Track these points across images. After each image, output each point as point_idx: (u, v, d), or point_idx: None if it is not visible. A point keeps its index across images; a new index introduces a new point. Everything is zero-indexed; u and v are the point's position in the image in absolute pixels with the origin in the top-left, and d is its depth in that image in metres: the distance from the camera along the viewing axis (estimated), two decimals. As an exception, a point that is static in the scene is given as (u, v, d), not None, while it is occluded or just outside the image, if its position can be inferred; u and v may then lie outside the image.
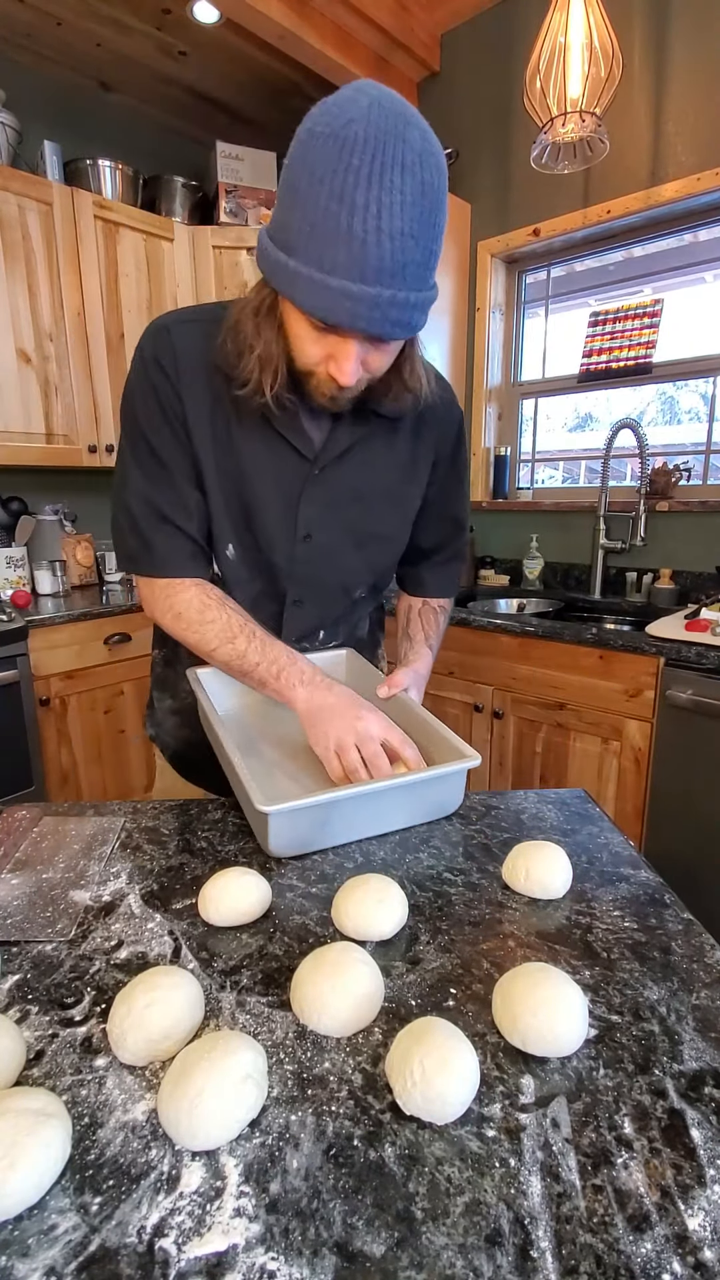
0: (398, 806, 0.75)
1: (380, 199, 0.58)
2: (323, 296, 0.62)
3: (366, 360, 0.70)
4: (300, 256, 0.62)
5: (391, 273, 0.60)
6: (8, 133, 2.09)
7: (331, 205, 0.58)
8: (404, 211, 0.58)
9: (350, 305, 0.62)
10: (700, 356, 2.18)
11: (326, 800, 0.69)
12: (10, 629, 1.89)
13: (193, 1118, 0.39)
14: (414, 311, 0.65)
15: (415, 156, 0.58)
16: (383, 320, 0.63)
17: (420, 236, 0.60)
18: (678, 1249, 0.35)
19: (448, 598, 1.10)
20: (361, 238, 0.59)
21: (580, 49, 1.75)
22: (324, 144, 0.59)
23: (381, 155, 0.57)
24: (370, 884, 0.60)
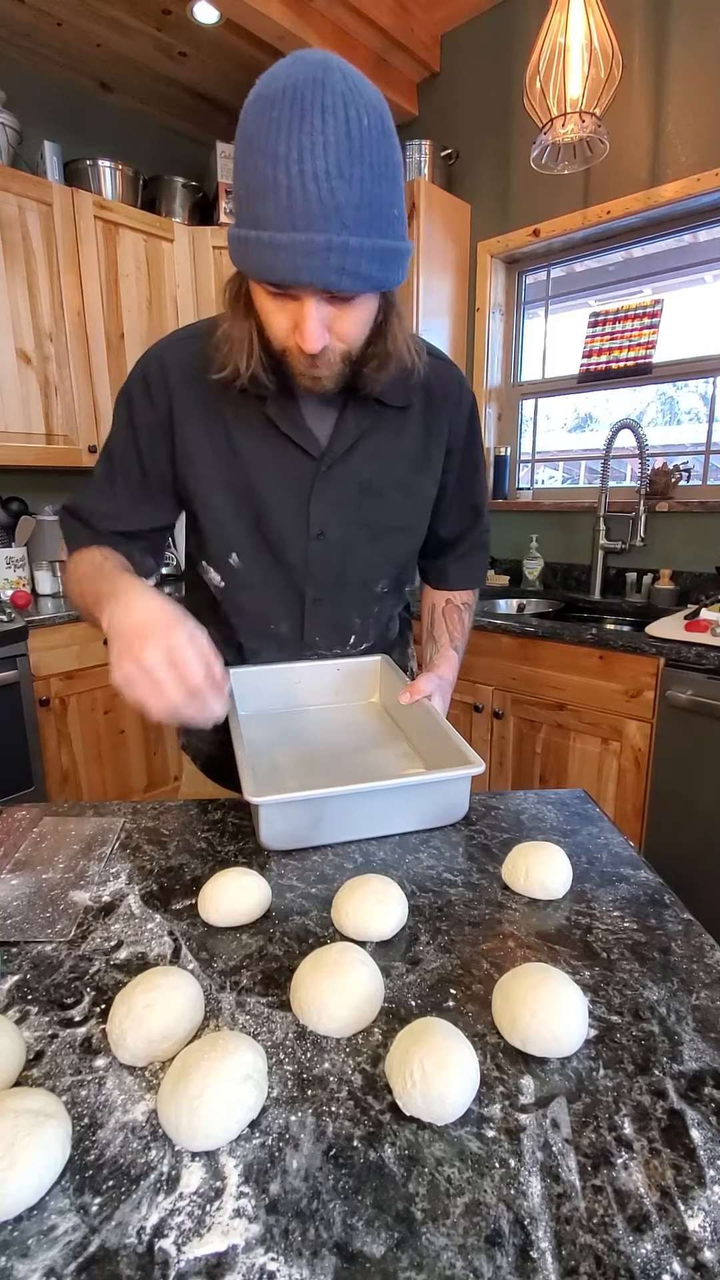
0: (397, 809, 0.74)
1: (300, 142, 0.56)
2: (260, 254, 0.61)
3: (333, 326, 0.68)
4: (242, 223, 0.62)
5: (324, 216, 0.58)
6: (8, 133, 2.09)
7: (258, 162, 0.58)
8: (326, 151, 0.56)
9: (286, 256, 0.60)
10: (700, 357, 2.18)
11: (317, 796, 0.69)
12: (10, 629, 1.89)
13: (192, 1118, 0.39)
14: (363, 259, 0.61)
15: (336, 98, 0.57)
16: (324, 269, 0.60)
17: (351, 176, 0.58)
18: (678, 1249, 0.35)
19: (471, 589, 1.08)
20: (285, 184, 0.57)
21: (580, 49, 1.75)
22: (251, 109, 0.59)
23: (300, 102, 0.56)
24: (370, 884, 0.60)
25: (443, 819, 0.77)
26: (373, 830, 0.74)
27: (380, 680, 1.01)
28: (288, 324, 0.68)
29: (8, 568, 2.27)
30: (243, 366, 0.75)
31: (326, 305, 0.66)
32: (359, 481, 0.87)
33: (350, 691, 1.01)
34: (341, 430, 0.84)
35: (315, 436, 0.83)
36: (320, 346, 0.67)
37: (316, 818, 0.71)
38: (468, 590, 1.08)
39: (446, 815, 0.77)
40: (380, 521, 0.90)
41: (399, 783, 0.73)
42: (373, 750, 0.88)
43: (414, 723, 0.90)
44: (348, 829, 0.73)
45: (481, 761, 0.72)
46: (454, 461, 0.94)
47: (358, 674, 1.00)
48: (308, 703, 0.99)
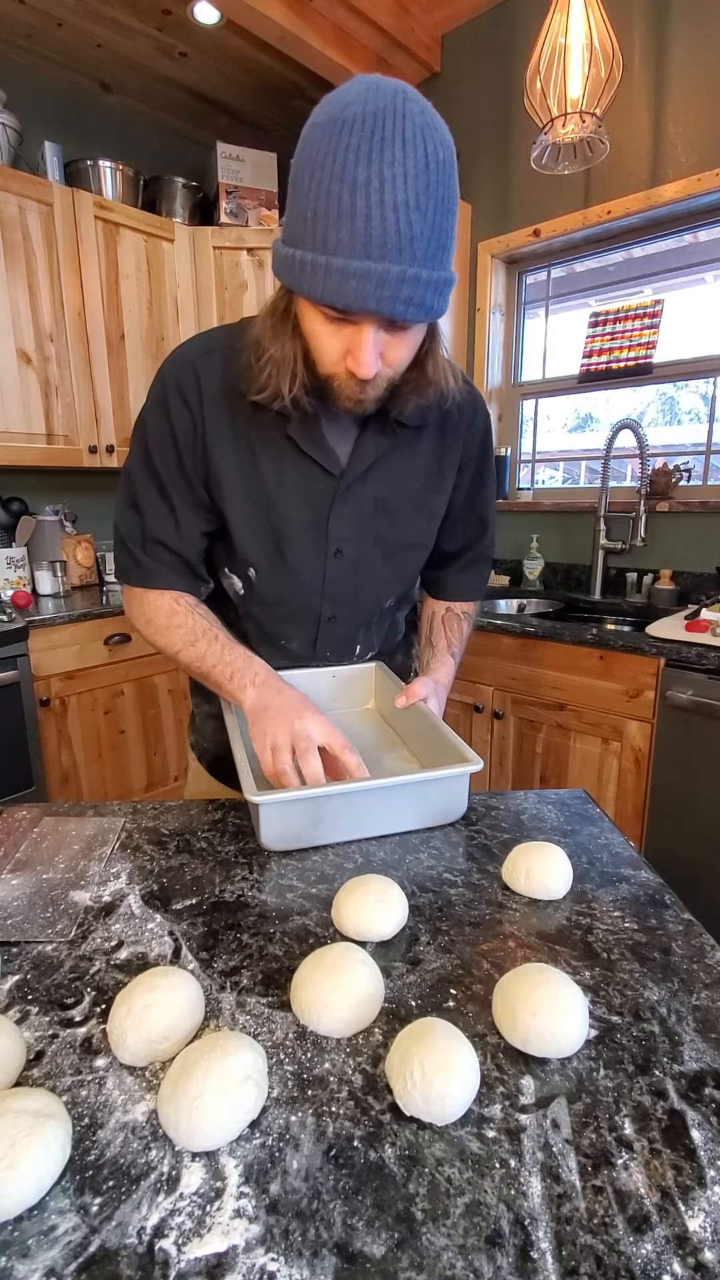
0: (396, 809, 0.74)
1: (381, 173, 0.56)
2: (329, 279, 0.60)
3: (385, 353, 0.68)
4: (305, 245, 0.61)
5: (398, 247, 0.58)
6: (8, 133, 2.10)
7: (333, 187, 0.57)
8: (407, 184, 0.57)
9: (356, 284, 0.60)
10: (700, 357, 2.18)
11: (317, 795, 0.69)
12: (11, 629, 1.89)
13: (193, 1118, 0.39)
14: (427, 291, 0.62)
15: (416, 130, 0.57)
16: (393, 299, 0.61)
17: (426, 210, 0.58)
18: (678, 1250, 0.35)
19: (472, 601, 1.08)
20: (365, 213, 0.57)
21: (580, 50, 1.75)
22: (322, 131, 0.58)
23: (380, 131, 0.56)
24: (370, 885, 0.60)
25: (442, 818, 0.77)
26: (373, 830, 0.74)
27: (376, 686, 1.01)
28: (340, 348, 0.68)
29: (8, 568, 2.27)
30: (285, 389, 0.74)
31: (383, 333, 0.66)
32: (375, 500, 0.87)
33: (346, 698, 1.01)
34: (361, 450, 0.83)
35: (336, 455, 0.83)
36: (374, 373, 0.68)
37: (316, 817, 0.71)
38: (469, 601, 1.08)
39: (446, 814, 0.77)
40: (394, 539, 0.90)
41: (397, 781, 0.73)
42: (370, 755, 0.88)
43: (410, 726, 0.89)
44: (348, 829, 0.73)
45: (479, 759, 0.73)
46: (464, 476, 0.94)
47: (353, 680, 1.00)
48: None
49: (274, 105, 2.69)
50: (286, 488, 0.84)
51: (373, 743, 0.92)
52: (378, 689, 1.00)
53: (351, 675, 0.99)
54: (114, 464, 2.43)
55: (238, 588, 0.91)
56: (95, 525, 2.73)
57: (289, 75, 2.47)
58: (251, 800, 0.66)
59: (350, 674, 0.99)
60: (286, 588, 0.89)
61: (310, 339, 0.70)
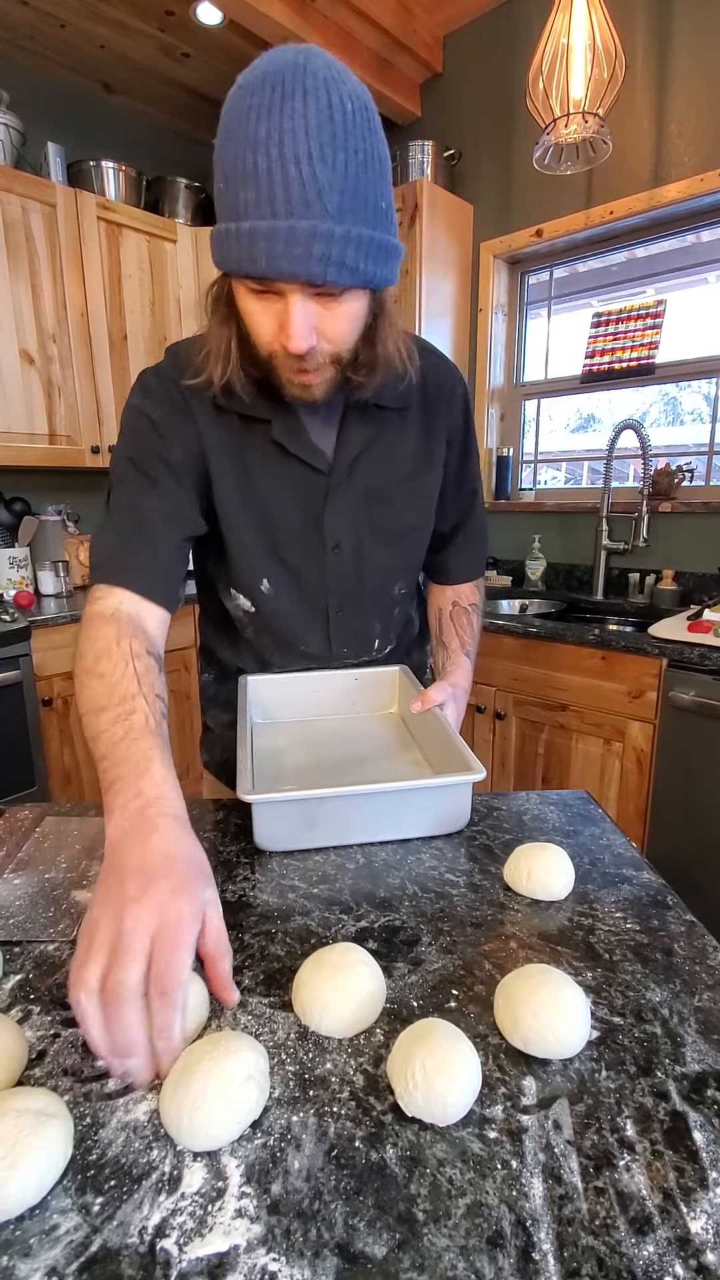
0: (394, 815, 0.73)
1: (281, 125, 0.54)
2: (239, 245, 0.58)
3: (321, 327, 0.64)
4: (222, 216, 0.59)
5: (304, 200, 0.55)
6: (11, 134, 2.10)
7: (239, 151, 0.56)
8: (309, 135, 0.54)
9: (265, 245, 0.57)
10: (703, 357, 2.18)
11: (310, 796, 0.69)
12: (13, 629, 1.90)
13: (194, 1118, 0.39)
14: (347, 248, 0.58)
15: (318, 83, 0.54)
16: (306, 258, 0.57)
17: (334, 161, 0.55)
18: (680, 1252, 0.35)
19: (473, 581, 1.06)
20: (266, 169, 0.54)
21: (583, 50, 1.75)
22: (230, 99, 0.57)
23: (280, 87, 0.54)
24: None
25: (443, 827, 0.75)
26: (370, 835, 0.73)
27: (398, 690, 0.99)
28: (273, 325, 0.65)
29: (11, 568, 2.27)
30: (216, 375, 0.72)
31: (313, 303, 0.63)
32: (366, 489, 0.86)
33: (368, 701, 0.99)
34: (345, 441, 0.83)
35: (322, 451, 0.83)
36: (306, 346, 0.64)
37: (311, 820, 0.70)
38: (470, 586, 1.06)
39: (446, 823, 0.75)
40: (390, 525, 0.90)
41: (394, 787, 0.72)
42: (384, 759, 0.87)
43: (425, 732, 0.88)
44: (344, 833, 0.72)
45: (483, 769, 0.71)
46: (452, 453, 0.93)
47: (376, 684, 0.99)
48: (324, 712, 0.98)
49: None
50: (280, 493, 0.83)
51: (388, 746, 0.91)
52: (400, 693, 0.99)
53: (374, 678, 0.98)
54: (116, 464, 2.44)
55: (246, 606, 0.90)
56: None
57: (291, 76, 2.47)
58: (244, 799, 0.66)
59: (373, 677, 0.98)
60: (292, 592, 0.89)
61: (246, 319, 0.67)
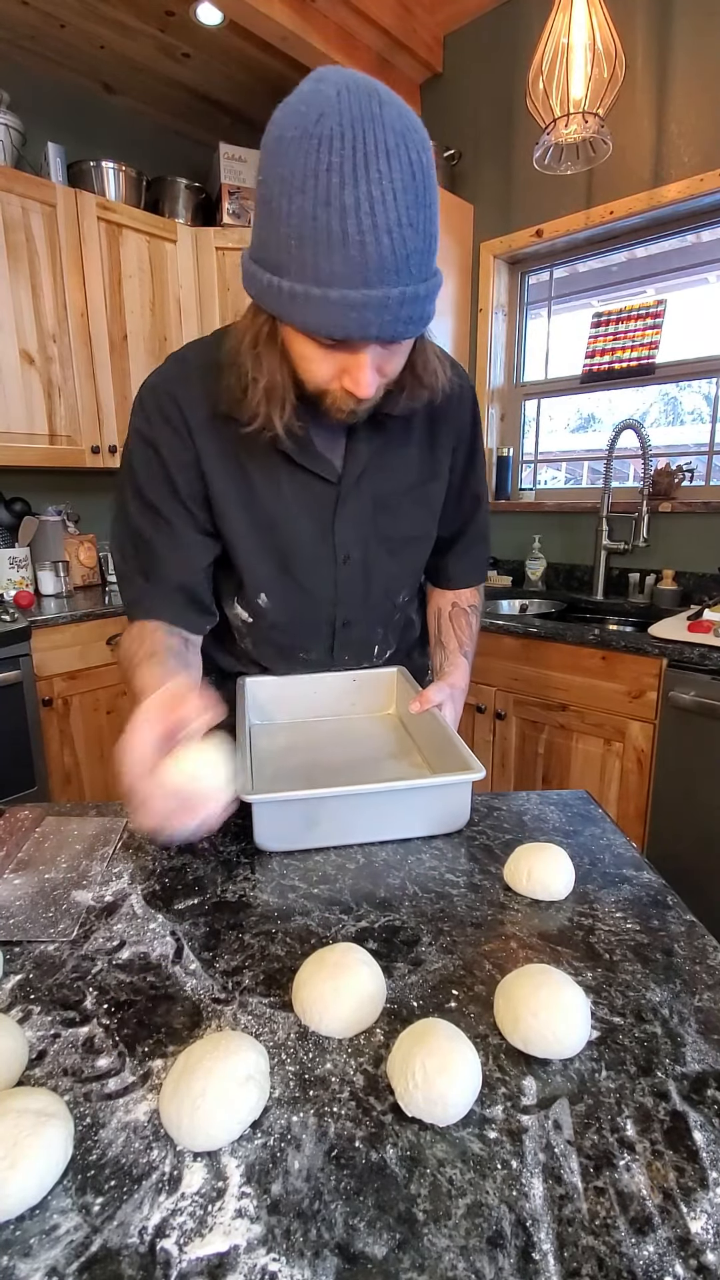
0: (394, 815, 0.73)
1: (371, 193, 0.52)
2: (327, 312, 0.57)
3: (381, 366, 0.66)
4: (292, 275, 0.57)
5: (395, 269, 0.55)
6: (11, 134, 2.10)
7: (319, 212, 0.53)
8: (397, 200, 0.53)
9: (358, 315, 0.57)
10: (703, 357, 2.18)
11: (310, 796, 0.69)
12: (13, 629, 1.90)
13: (194, 1118, 0.39)
14: (425, 304, 0.60)
15: (397, 138, 0.53)
16: (394, 322, 0.58)
17: (418, 223, 0.55)
18: (680, 1252, 0.35)
19: (474, 586, 1.06)
20: (358, 240, 0.53)
21: (583, 50, 1.75)
22: (296, 147, 0.53)
23: (362, 145, 0.52)
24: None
25: (442, 826, 0.75)
26: (370, 835, 0.73)
27: (397, 691, 1.00)
28: (333, 370, 0.65)
29: (11, 568, 2.27)
30: (277, 419, 0.71)
31: (379, 350, 0.64)
32: (373, 498, 0.85)
33: (366, 702, 1.00)
34: (354, 451, 0.82)
35: (331, 462, 0.82)
36: (374, 391, 0.66)
37: (311, 820, 0.71)
38: (471, 589, 1.06)
39: (446, 822, 0.75)
40: (396, 534, 0.89)
41: (394, 786, 0.72)
42: (384, 761, 0.87)
43: (424, 732, 0.88)
44: (344, 833, 0.72)
45: (482, 768, 0.71)
46: (458, 458, 0.93)
47: (374, 685, 0.99)
48: (323, 713, 0.98)
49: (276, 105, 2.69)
50: (286, 504, 0.82)
51: (388, 747, 0.91)
52: (399, 694, 0.99)
53: (372, 679, 0.99)
54: (116, 464, 2.43)
55: (245, 617, 0.90)
56: (98, 525, 2.74)
57: (291, 76, 2.47)
58: (244, 799, 0.66)
59: (371, 678, 0.98)
60: (298, 604, 0.88)
61: (298, 361, 0.67)
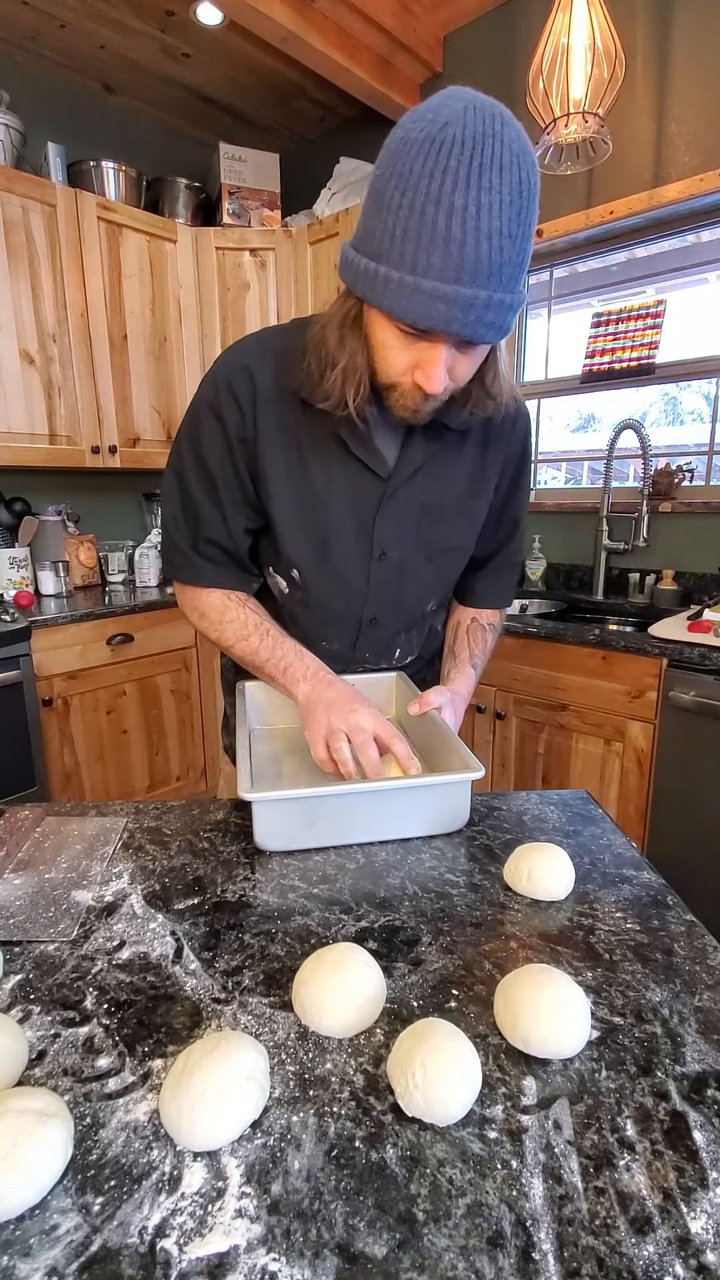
0: (394, 814, 0.73)
1: (479, 199, 0.57)
2: (417, 300, 0.61)
3: (452, 368, 0.69)
4: (390, 261, 0.61)
5: (488, 274, 0.60)
6: (11, 134, 2.10)
7: (428, 209, 0.58)
8: (503, 211, 0.58)
9: (444, 308, 0.61)
10: (703, 357, 2.18)
11: (311, 795, 0.69)
12: (13, 629, 1.90)
13: (194, 1118, 0.39)
14: (507, 313, 0.63)
15: (513, 156, 0.58)
16: (477, 323, 0.62)
17: (517, 236, 0.60)
18: (680, 1252, 0.35)
19: (498, 609, 1.06)
20: (460, 239, 0.58)
21: (583, 50, 1.75)
22: (418, 149, 0.58)
23: (479, 156, 0.57)
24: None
25: (443, 826, 0.75)
26: (370, 835, 0.73)
27: (396, 696, 1.00)
28: (409, 362, 0.69)
29: (11, 568, 2.27)
30: (350, 399, 0.74)
31: (453, 350, 0.67)
32: (420, 503, 0.87)
33: None
34: (408, 453, 0.84)
35: (384, 458, 0.83)
36: (442, 389, 0.69)
37: (311, 819, 0.71)
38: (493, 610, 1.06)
39: (446, 822, 0.75)
40: (437, 542, 0.90)
41: (393, 785, 0.72)
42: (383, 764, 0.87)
43: (424, 735, 0.88)
44: (343, 833, 0.72)
45: (481, 767, 0.71)
46: (504, 480, 0.94)
47: (373, 690, 0.99)
48: None
49: (276, 106, 2.69)
50: (335, 490, 0.84)
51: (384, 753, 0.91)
52: (398, 699, 0.99)
53: (371, 684, 0.98)
54: (116, 464, 2.44)
55: (282, 586, 0.92)
56: (98, 525, 2.74)
57: (291, 76, 2.47)
58: (245, 797, 0.66)
59: (370, 682, 0.98)
60: (329, 590, 0.90)
61: (377, 349, 0.71)
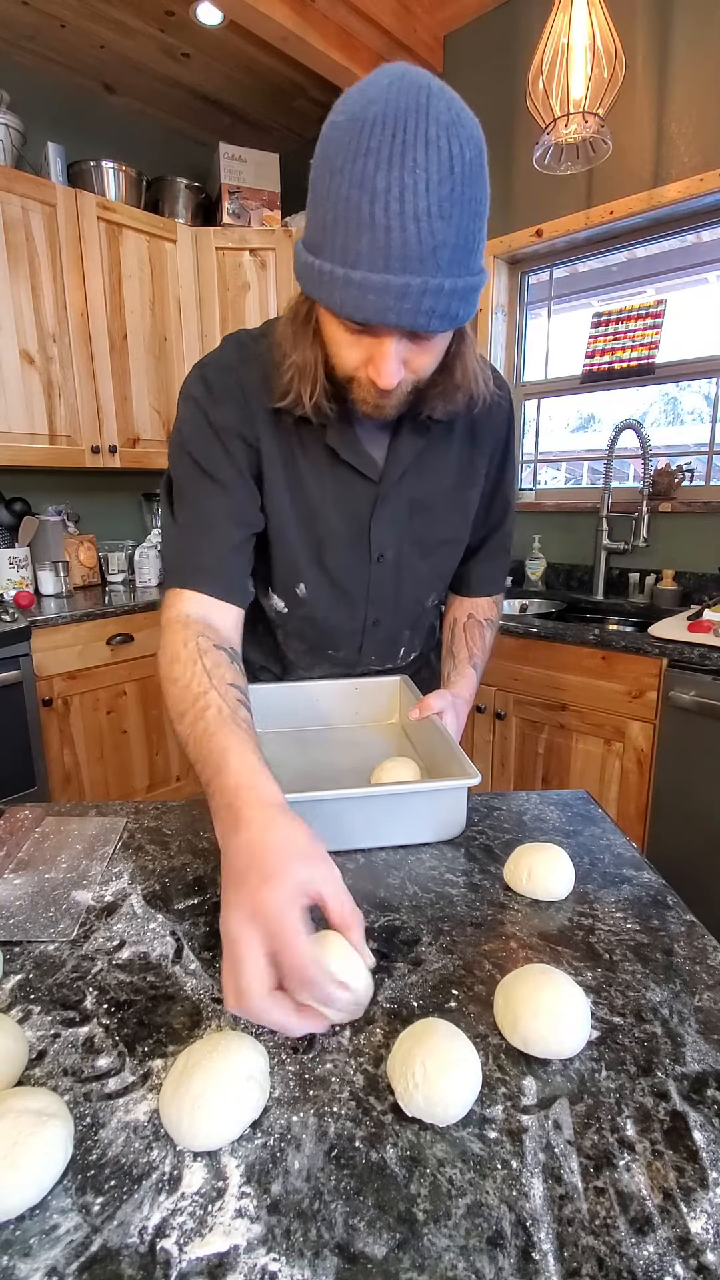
0: (388, 820, 0.71)
1: (402, 180, 0.52)
2: (348, 293, 0.58)
3: (409, 360, 0.66)
4: (326, 254, 0.58)
5: (420, 258, 0.55)
6: (12, 134, 2.10)
7: (351, 194, 0.54)
8: (429, 191, 0.53)
9: (375, 298, 0.57)
10: (703, 357, 2.18)
11: (302, 800, 0.66)
12: (13, 629, 1.90)
13: (194, 1118, 0.39)
14: (452, 300, 0.59)
15: (440, 129, 0.53)
16: (415, 311, 0.58)
17: (451, 216, 0.55)
18: (680, 1251, 0.35)
19: (492, 596, 1.04)
20: (384, 224, 0.53)
21: (583, 50, 1.75)
22: (343, 131, 0.55)
23: (402, 133, 0.52)
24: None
25: (438, 833, 0.73)
26: (363, 841, 0.71)
27: (400, 700, 0.98)
28: (361, 356, 0.66)
29: (11, 568, 2.27)
30: (306, 397, 0.72)
31: (406, 341, 0.64)
32: (410, 500, 0.86)
33: (369, 711, 0.98)
34: (397, 452, 0.82)
35: (373, 459, 0.82)
36: (395, 383, 0.66)
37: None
38: (489, 600, 1.03)
39: (442, 829, 0.74)
40: (430, 537, 0.89)
41: (387, 790, 0.71)
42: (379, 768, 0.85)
43: (425, 741, 0.87)
44: (337, 838, 0.69)
45: (477, 774, 0.69)
46: (493, 465, 0.92)
47: (376, 694, 0.98)
48: (325, 722, 0.97)
49: (276, 106, 2.69)
50: (328, 497, 0.83)
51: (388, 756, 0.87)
52: (402, 703, 0.97)
53: (375, 688, 0.97)
54: (116, 464, 2.44)
55: (280, 606, 0.90)
56: (98, 525, 2.74)
57: (291, 76, 2.47)
58: None
59: (373, 687, 0.97)
60: (331, 599, 0.88)
61: (330, 345, 0.68)
